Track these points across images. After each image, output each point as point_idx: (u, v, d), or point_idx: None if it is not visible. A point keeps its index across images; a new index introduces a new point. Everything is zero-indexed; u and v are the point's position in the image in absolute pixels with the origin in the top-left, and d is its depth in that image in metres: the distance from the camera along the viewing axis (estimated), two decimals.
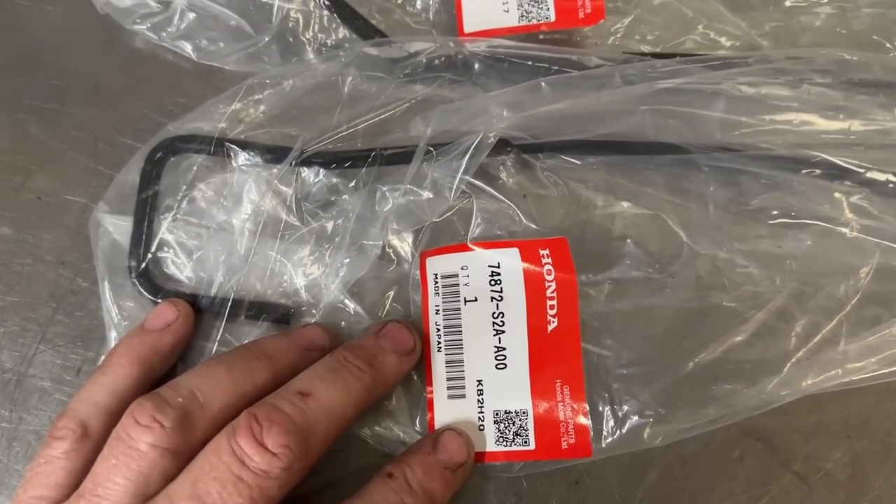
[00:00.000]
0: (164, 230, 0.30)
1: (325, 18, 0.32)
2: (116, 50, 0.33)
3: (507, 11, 0.32)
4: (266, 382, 0.25)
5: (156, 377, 0.27)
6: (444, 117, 0.29)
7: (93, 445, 0.24)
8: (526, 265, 0.28)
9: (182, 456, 0.23)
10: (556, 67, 0.30)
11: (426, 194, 0.28)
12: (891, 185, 0.29)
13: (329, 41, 0.32)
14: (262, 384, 0.25)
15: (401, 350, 0.27)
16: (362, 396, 0.25)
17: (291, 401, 0.23)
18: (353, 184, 0.29)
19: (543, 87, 0.29)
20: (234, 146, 0.30)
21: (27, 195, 0.32)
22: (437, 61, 0.31)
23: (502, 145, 0.29)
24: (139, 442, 0.23)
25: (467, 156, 0.28)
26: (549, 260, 0.28)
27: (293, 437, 0.22)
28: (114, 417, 0.24)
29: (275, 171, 0.29)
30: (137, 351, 0.27)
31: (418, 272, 0.29)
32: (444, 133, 0.29)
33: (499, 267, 0.28)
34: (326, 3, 0.32)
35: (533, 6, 0.31)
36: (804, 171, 0.29)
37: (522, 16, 0.32)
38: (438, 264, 0.28)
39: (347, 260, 0.28)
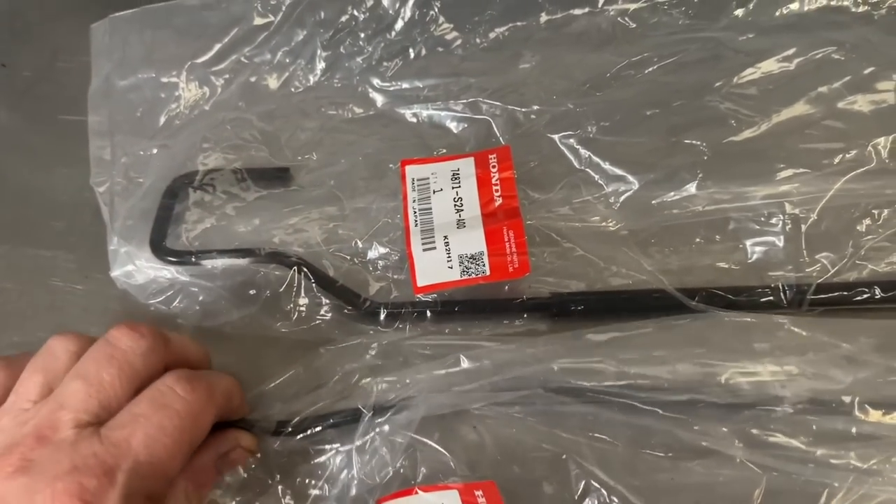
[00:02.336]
0: None
1: (304, 285, 0.39)
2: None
3: (451, 268, 0.37)
4: None
5: None
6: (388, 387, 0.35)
7: None
8: None
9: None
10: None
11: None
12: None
13: (304, 309, 0.39)
14: None
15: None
16: None
17: None
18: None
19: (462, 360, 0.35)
20: None
21: None
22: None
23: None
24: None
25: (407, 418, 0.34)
26: (484, 500, 0.32)
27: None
28: None
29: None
30: None
31: None
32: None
33: None
34: (307, 272, 0.38)
35: (472, 263, 0.37)
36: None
37: (464, 271, 0.37)
38: None
39: None
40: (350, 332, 0.39)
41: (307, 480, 0.35)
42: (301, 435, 0.35)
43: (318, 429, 0.35)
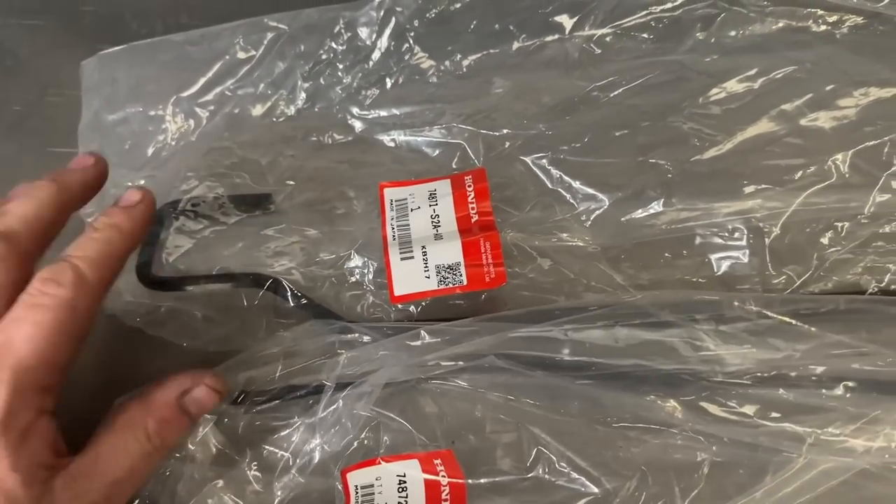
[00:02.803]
0: None
1: (283, 305, 0.40)
2: (121, 342, 0.42)
3: (429, 278, 0.39)
4: None
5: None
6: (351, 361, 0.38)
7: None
8: (426, 475, 0.35)
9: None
10: None
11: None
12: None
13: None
14: None
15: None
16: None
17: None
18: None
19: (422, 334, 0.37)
20: None
21: None
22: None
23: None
24: None
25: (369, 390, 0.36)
26: (443, 468, 0.35)
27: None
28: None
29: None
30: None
31: (341, 485, 0.36)
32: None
33: (405, 476, 0.35)
34: (286, 292, 0.40)
35: (449, 273, 0.38)
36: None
37: (441, 281, 0.38)
38: (357, 477, 0.35)
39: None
40: None
41: (272, 452, 0.37)
42: (265, 405, 0.37)
43: (281, 400, 0.38)
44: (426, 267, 0.38)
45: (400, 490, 0.35)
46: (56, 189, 0.34)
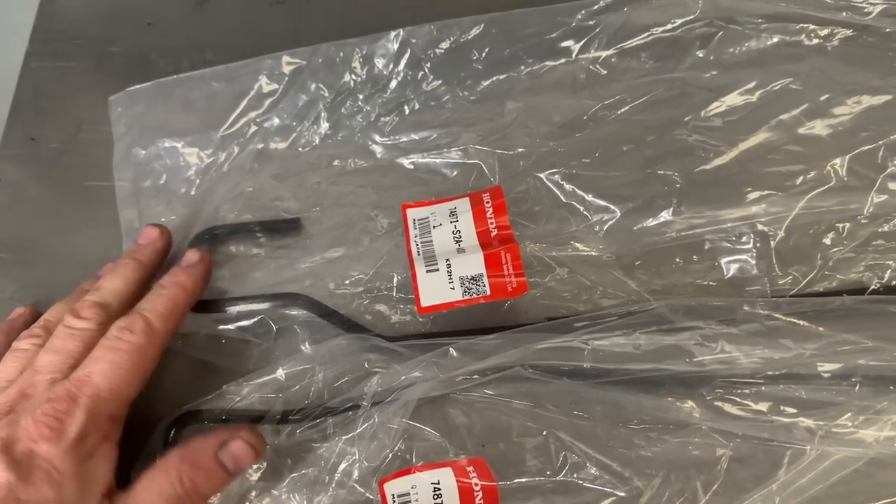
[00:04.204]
0: None
1: (316, 323, 0.42)
2: (163, 365, 0.43)
3: (454, 289, 0.40)
4: None
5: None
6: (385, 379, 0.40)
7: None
8: (459, 481, 0.37)
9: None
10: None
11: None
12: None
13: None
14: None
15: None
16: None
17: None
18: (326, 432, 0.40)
19: (451, 352, 0.39)
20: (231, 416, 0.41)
21: None
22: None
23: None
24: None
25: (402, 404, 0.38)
26: (475, 474, 0.37)
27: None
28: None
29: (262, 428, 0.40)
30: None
31: (379, 495, 0.38)
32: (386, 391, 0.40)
33: (439, 483, 0.37)
34: (318, 311, 0.42)
35: (473, 284, 0.40)
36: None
37: (465, 292, 0.40)
38: (394, 487, 0.37)
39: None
40: None
41: (314, 467, 0.39)
42: (307, 425, 0.40)
43: (322, 419, 0.40)
44: (450, 279, 0.40)
45: (435, 497, 0.37)
46: (137, 266, 0.41)
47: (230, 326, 0.43)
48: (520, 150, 0.45)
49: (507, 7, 0.47)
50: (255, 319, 0.42)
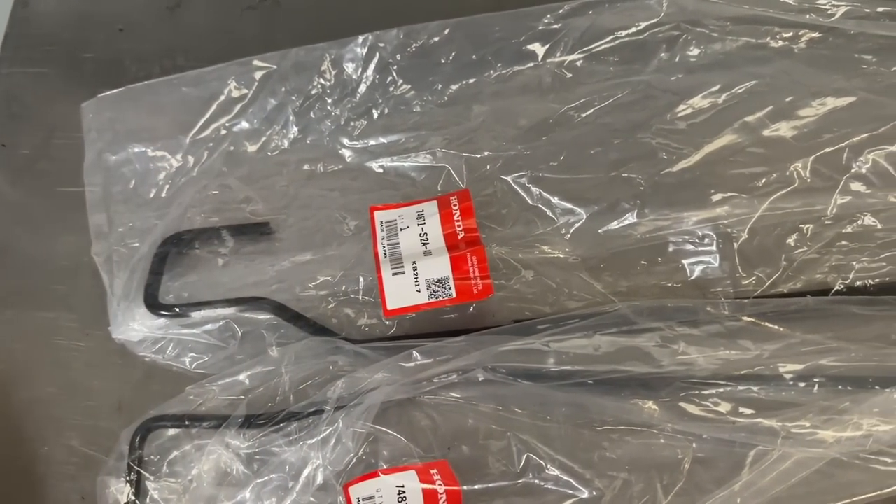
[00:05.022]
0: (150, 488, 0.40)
1: (282, 326, 0.43)
2: (132, 371, 0.44)
3: (419, 291, 0.40)
4: None
5: None
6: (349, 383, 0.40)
7: None
8: (423, 485, 0.37)
9: None
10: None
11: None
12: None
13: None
14: None
15: None
16: None
17: None
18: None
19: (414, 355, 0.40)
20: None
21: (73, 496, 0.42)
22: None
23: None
24: None
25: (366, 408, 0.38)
26: (440, 478, 0.37)
27: None
28: None
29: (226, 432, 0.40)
30: None
31: (343, 499, 0.38)
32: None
33: (404, 487, 0.37)
34: (283, 314, 0.42)
35: (439, 287, 0.40)
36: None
37: (431, 294, 0.40)
38: (359, 490, 0.37)
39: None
40: None
41: (278, 472, 0.39)
42: (271, 429, 0.40)
43: (286, 423, 0.40)
44: (417, 281, 0.41)
45: (400, 500, 0.37)
46: None
47: (195, 331, 0.43)
48: (487, 153, 0.46)
49: (474, 11, 0.47)
50: (221, 323, 0.43)
